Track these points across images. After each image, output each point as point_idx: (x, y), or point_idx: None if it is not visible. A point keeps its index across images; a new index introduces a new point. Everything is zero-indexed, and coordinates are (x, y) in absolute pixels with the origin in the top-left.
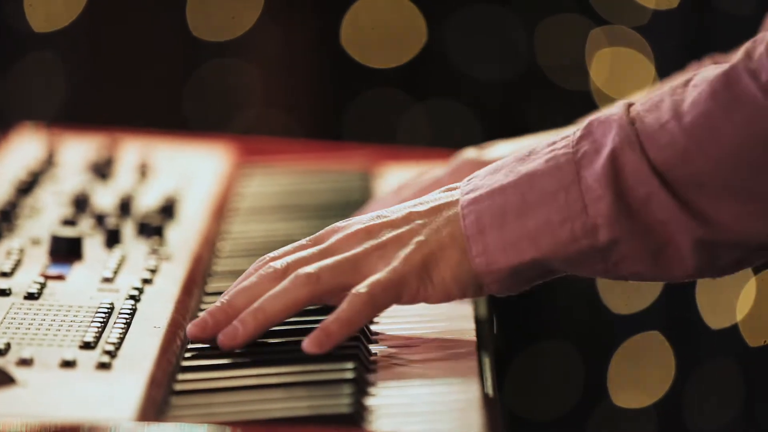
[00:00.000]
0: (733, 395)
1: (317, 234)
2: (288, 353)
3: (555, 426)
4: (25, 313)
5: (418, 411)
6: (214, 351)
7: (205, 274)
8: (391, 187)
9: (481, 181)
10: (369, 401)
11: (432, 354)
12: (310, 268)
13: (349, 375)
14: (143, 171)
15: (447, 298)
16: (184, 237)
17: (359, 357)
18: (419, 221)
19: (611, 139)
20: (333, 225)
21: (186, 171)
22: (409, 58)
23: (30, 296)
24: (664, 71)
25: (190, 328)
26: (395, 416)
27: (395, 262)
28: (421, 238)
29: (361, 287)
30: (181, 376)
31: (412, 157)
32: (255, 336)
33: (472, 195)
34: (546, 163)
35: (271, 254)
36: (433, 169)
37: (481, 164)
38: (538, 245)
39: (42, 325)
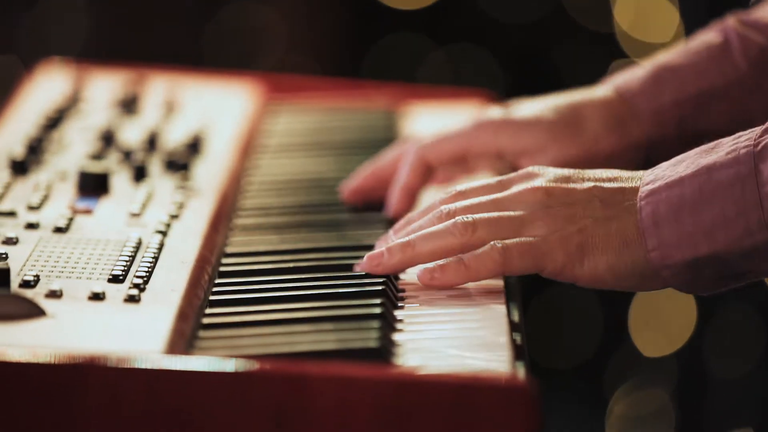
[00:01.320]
0: (754, 343)
1: (507, 177)
2: (316, 288)
3: (575, 373)
4: (53, 247)
5: (444, 346)
6: (241, 286)
7: (232, 210)
8: (420, 129)
9: (664, 172)
10: (396, 336)
11: (459, 290)
12: (470, 218)
13: (377, 310)
14: (170, 107)
15: (597, 284)
16: (210, 173)
17: (387, 293)
18: (599, 202)
19: None
20: (529, 169)
21: (212, 108)
22: (432, 0)
23: (58, 230)
24: (688, 15)
25: (365, 260)
26: (422, 351)
27: (552, 235)
28: (590, 219)
29: (501, 242)
30: (208, 310)
31: (436, 96)
32: (398, 269)
33: (651, 186)
34: (726, 155)
35: (459, 187)
36: (455, 125)
37: (506, 122)
38: (713, 240)
39: (71, 258)
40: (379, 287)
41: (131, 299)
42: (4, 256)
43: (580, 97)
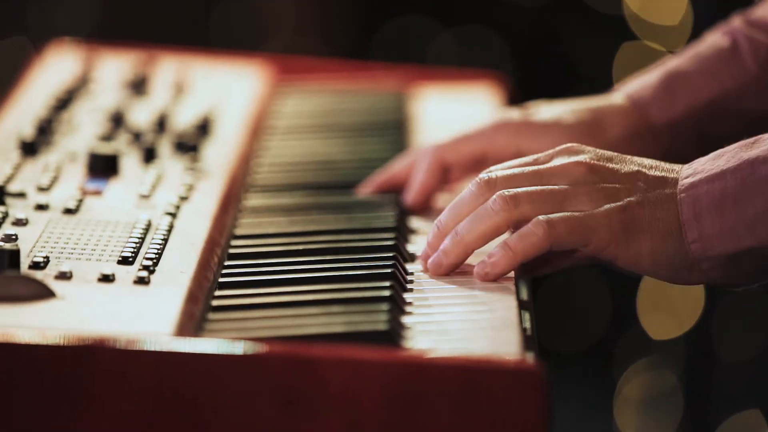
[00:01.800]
0: (763, 326)
1: (546, 153)
2: (325, 271)
3: (583, 356)
4: (63, 228)
5: (454, 329)
6: (250, 268)
7: (242, 191)
8: (429, 111)
9: (703, 166)
10: (405, 319)
11: (468, 274)
12: (513, 192)
13: (386, 293)
14: (179, 88)
15: (636, 267)
16: (220, 154)
17: (396, 276)
18: (641, 184)
19: None
20: (569, 144)
21: (222, 89)
22: None
23: (68, 211)
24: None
25: (428, 267)
26: (431, 334)
27: (597, 210)
28: (633, 199)
29: (546, 217)
30: (218, 293)
31: (446, 78)
32: (460, 263)
33: (691, 179)
34: None
35: (498, 166)
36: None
37: (525, 124)
38: (756, 233)
39: (80, 239)
40: (388, 270)
41: (141, 281)
42: (14, 237)
43: (598, 103)
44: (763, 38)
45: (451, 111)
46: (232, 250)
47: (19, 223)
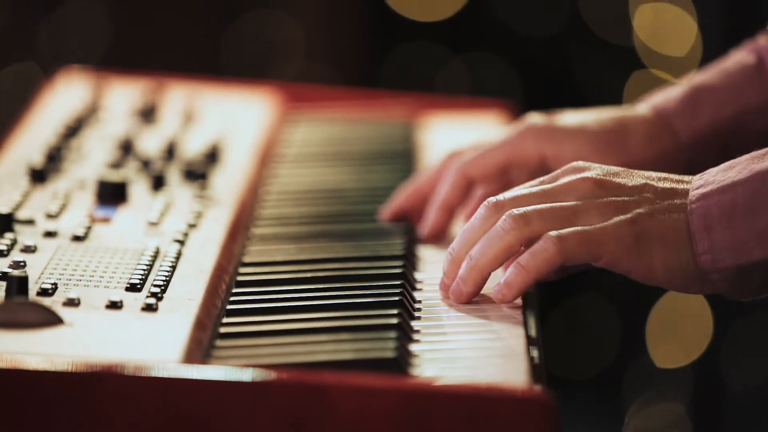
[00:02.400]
0: None
1: (552, 173)
2: (333, 298)
3: (591, 384)
4: (72, 255)
5: (461, 357)
6: (258, 295)
7: (250, 220)
8: (438, 140)
9: (713, 177)
10: (413, 347)
11: (476, 302)
12: (522, 210)
13: (394, 321)
14: (188, 116)
15: (650, 278)
16: (229, 182)
17: (404, 303)
18: (650, 195)
19: None
20: (574, 163)
21: (231, 117)
22: (452, 12)
23: (77, 238)
24: (706, 28)
25: (450, 296)
26: (439, 362)
27: (607, 223)
28: (643, 210)
29: (556, 232)
30: (226, 320)
31: (455, 106)
32: (480, 288)
33: (702, 190)
34: None
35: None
36: (494, 136)
37: (550, 129)
38: (767, 245)
39: (89, 266)
40: (396, 297)
41: (149, 308)
42: (22, 264)
43: (622, 113)
44: None
45: (459, 140)
46: (240, 278)
47: (28, 250)
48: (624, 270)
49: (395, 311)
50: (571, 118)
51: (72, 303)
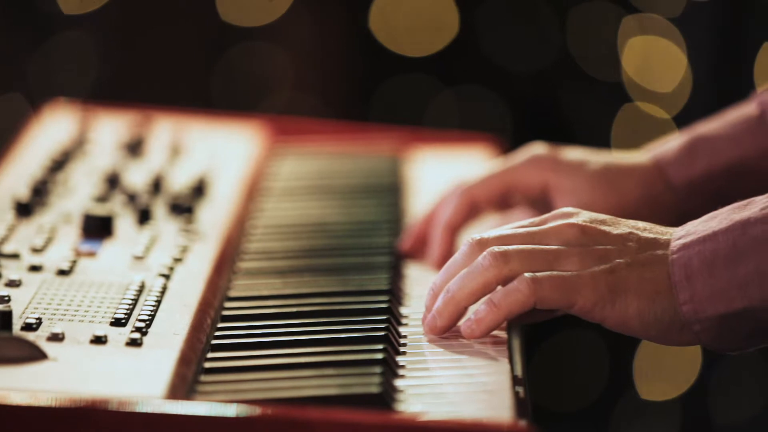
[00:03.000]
0: (760, 387)
1: (541, 216)
2: (318, 333)
3: (579, 417)
4: (56, 289)
5: (447, 392)
6: (244, 330)
7: (236, 254)
8: (425, 174)
9: (695, 228)
10: (398, 382)
11: (461, 337)
12: (503, 248)
13: (379, 356)
14: (175, 150)
15: (624, 328)
16: (215, 216)
17: (389, 338)
18: (633, 245)
19: None
20: (563, 208)
21: (217, 150)
22: (441, 46)
23: (62, 272)
24: (696, 63)
25: (424, 329)
26: (424, 397)
27: (584, 270)
28: (623, 261)
29: (531, 274)
30: (211, 354)
31: (442, 140)
32: (454, 321)
33: (683, 240)
34: (761, 211)
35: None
36: (501, 163)
37: (553, 160)
38: (748, 294)
39: (73, 301)
40: (382, 333)
41: (133, 343)
42: (6, 298)
43: (622, 159)
44: None
45: (446, 174)
46: (225, 312)
47: (12, 284)
48: (598, 318)
49: (381, 346)
50: (573, 153)
51: (56, 338)
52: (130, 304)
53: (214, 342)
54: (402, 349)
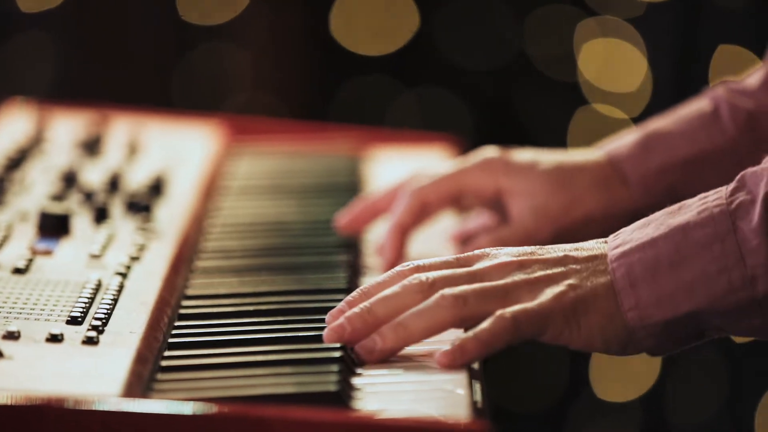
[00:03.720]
0: (717, 389)
1: (464, 255)
2: (275, 331)
3: (538, 418)
4: (12, 288)
5: (404, 391)
6: (201, 328)
7: (194, 252)
8: (383, 173)
9: (630, 236)
10: (355, 380)
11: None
12: (457, 290)
13: (336, 354)
14: (132, 148)
15: (589, 347)
16: (172, 215)
17: None
18: (574, 266)
19: (764, 185)
20: (482, 249)
21: (175, 149)
22: (398, 46)
23: (18, 271)
24: (657, 64)
25: (327, 332)
26: (381, 395)
27: (544, 297)
28: (573, 281)
29: (508, 311)
30: (167, 353)
31: (400, 140)
32: (394, 352)
33: (620, 249)
34: (699, 215)
35: (417, 263)
36: (452, 165)
37: (505, 163)
38: (694, 297)
39: (29, 299)
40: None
41: (89, 341)
42: None
43: (574, 157)
44: (743, 103)
45: (403, 173)
46: (182, 311)
47: None
48: (564, 342)
49: (338, 345)
50: (524, 154)
51: (12, 336)
52: (86, 303)
53: (171, 340)
54: None
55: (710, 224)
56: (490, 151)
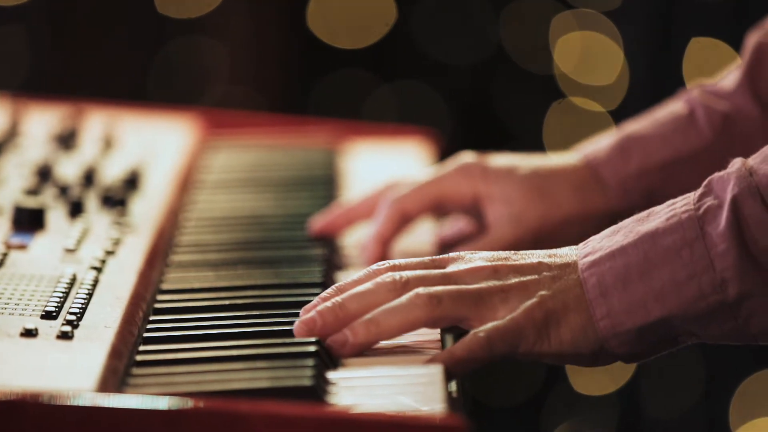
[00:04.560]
0: (692, 383)
1: (439, 257)
2: (251, 326)
3: (515, 412)
4: None
5: (379, 385)
6: (176, 323)
7: (169, 246)
8: (360, 167)
9: (599, 243)
10: (331, 375)
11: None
12: (432, 290)
13: (312, 348)
14: (108, 142)
15: (560, 359)
16: (147, 209)
17: None
18: (547, 273)
19: (731, 189)
20: (457, 252)
21: (151, 143)
22: (376, 39)
23: None
24: (633, 56)
25: (297, 325)
26: (356, 390)
27: (516, 313)
28: (546, 292)
29: (481, 331)
30: (142, 347)
31: (378, 133)
32: (364, 347)
33: (590, 258)
34: (667, 221)
35: (392, 262)
36: (430, 173)
37: (482, 169)
38: (665, 304)
39: (3, 294)
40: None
41: (64, 336)
42: None
43: (552, 161)
44: (718, 105)
45: (380, 167)
46: (157, 305)
47: None
48: (535, 356)
49: (313, 339)
50: (502, 159)
51: None
52: (61, 297)
53: (146, 335)
54: None
55: (678, 230)
56: (467, 157)
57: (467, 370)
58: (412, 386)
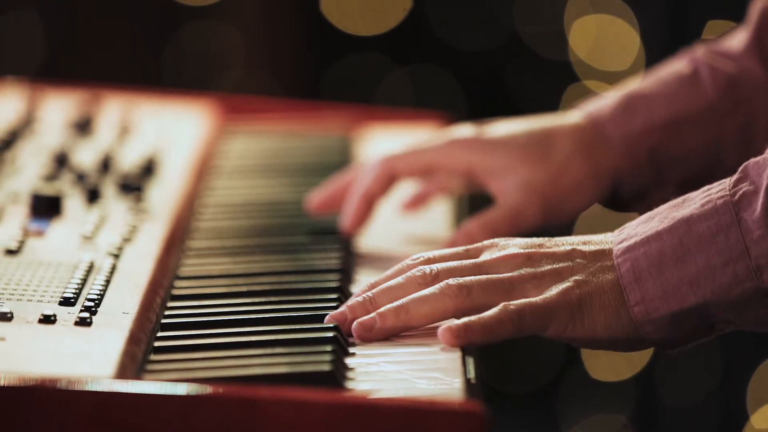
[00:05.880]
0: (710, 369)
1: (473, 246)
2: (269, 312)
3: (531, 398)
4: (4, 269)
5: (398, 372)
6: (194, 309)
7: (186, 233)
8: (374, 150)
9: (634, 230)
10: (349, 361)
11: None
12: (462, 280)
13: (330, 334)
14: (124, 129)
15: (594, 343)
16: (164, 195)
17: None
18: (581, 260)
19: (767, 175)
20: (492, 240)
21: (168, 129)
22: (391, 26)
23: (10, 252)
24: (649, 41)
25: (328, 319)
26: (374, 376)
27: (551, 293)
28: (579, 277)
29: (512, 304)
30: (160, 333)
31: (393, 118)
32: (392, 333)
33: (625, 244)
34: (702, 207)
35: (426, 255)
36: (425, 140)
37: (479, 141)
38: (700, 290)
39: (22, 280)
40: (332, 311)
41: (82, 322)
42: None
43: (552, 122)
44: (723, 66)
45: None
46: (175, 291)
47: None
48: (568, 338)
49: (331, 325)
50: (500, 128)
51: (5, 317)
52: (79, 284)
53: (163, 321)
54: None
55: (714, 216)
56: (464, 130)
57: (492, 340)
58: (430, 372)
